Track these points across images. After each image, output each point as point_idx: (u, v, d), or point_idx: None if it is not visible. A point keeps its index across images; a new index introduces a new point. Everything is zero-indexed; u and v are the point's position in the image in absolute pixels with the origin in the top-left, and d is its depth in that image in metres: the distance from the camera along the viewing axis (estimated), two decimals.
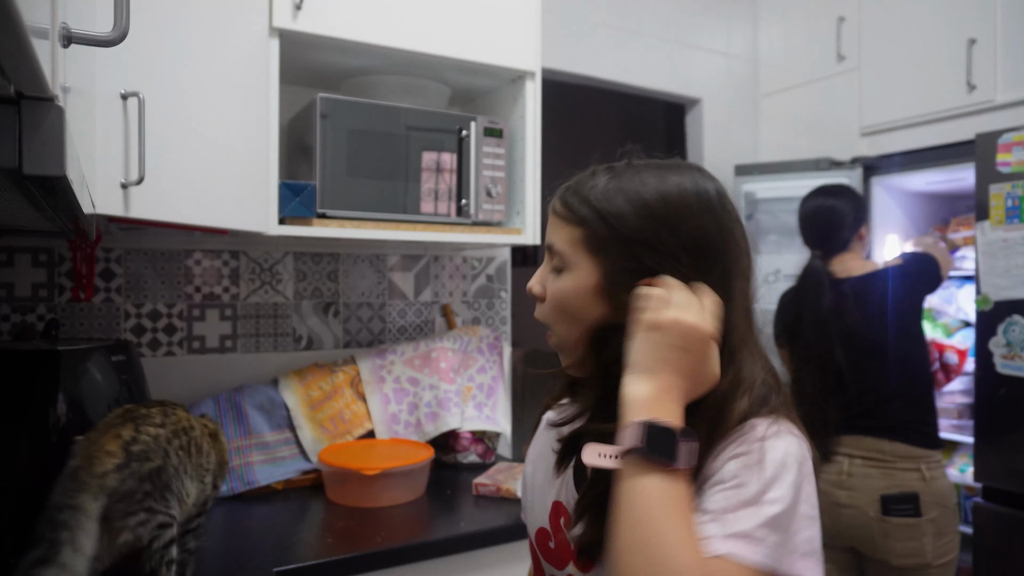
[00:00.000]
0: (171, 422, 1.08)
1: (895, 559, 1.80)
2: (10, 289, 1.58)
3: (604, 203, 0.72)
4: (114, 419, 1.04)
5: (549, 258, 0.77)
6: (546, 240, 0.78)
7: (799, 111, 2.80)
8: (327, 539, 1.36)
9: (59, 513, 0.89)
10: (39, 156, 0.48)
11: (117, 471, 0.95)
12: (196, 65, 1.24)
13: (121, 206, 1.08)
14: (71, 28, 0.53)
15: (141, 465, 0.98)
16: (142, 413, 1.07)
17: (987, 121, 2.13)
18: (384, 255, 2.02)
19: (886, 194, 2.53)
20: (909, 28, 2.39)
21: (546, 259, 0.78)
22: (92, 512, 0.90)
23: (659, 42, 2.69)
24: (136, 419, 1.04)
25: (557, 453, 0.78)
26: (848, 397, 1.90)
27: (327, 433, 1.73)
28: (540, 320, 0.78)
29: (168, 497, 1.02)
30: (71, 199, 0.66)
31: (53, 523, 0.88)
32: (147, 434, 1.02)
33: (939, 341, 2.25)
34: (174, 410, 1.12)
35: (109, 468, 0.95)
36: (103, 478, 0.94)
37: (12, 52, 0.38)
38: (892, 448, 1.85)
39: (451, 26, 1.65)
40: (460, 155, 1.68)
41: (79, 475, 0.93)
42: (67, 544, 0.86)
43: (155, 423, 1.06)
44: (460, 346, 1.95)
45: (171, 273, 1.74)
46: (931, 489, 1.82)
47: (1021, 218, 1.84)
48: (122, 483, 0.95)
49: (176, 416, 1.11)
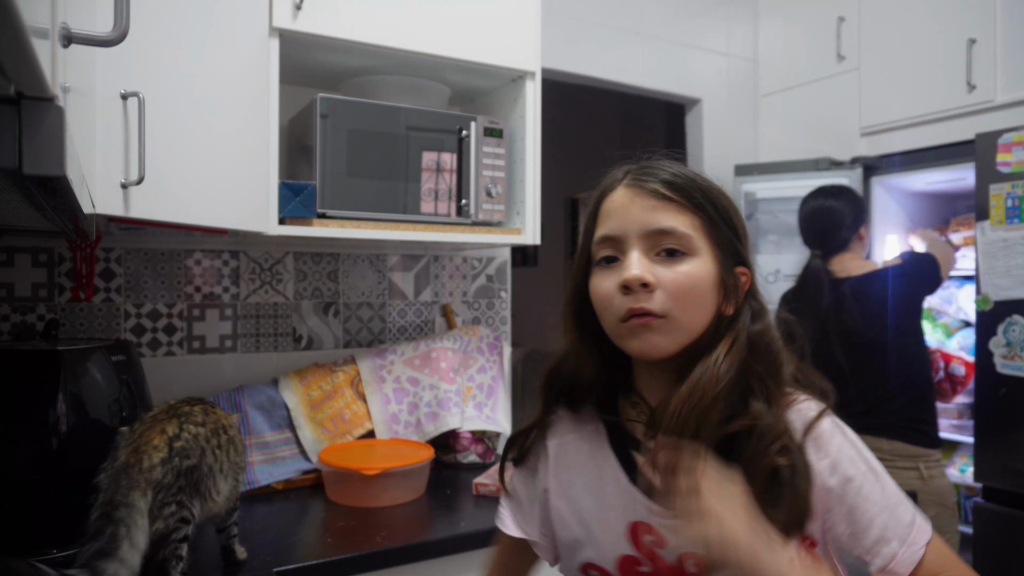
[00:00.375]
0: (211, 421, 1.14)
1: None
2: (10, 289, 1.58)
3: (710, 192, 0.75)
4: (159, 414, 1.10)
5: (655, 243, 0.73)
6: (651, 224, 0.73)
7: (799, 111, 2.80)
8: (327, 539, 1.36)
9: (115, 510, 0.96)
10: (39, 156, 0.48)
11: (161, 465, 1.02)
12: (196, 65, 1.24)
13: (121, 206, 1.08)
14: (71, 28, 0.53)
15: (181, 461, 1.05)
16: (185, 411, 1.12)
17: (987, 121, 2.13)
18: (384, 255, 2.02)
19: (886, 194, 2.53)
20: (909, 28, 2.39)
21: (644, 246, 0.73)
22: (144, 509, 0.98)
23: (659, 42, 2.69)
24: (180, 416, 1.10)
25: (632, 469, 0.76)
26: (847, 396, 1.90)
27: (327, 433, 1.74)
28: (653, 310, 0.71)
29: (194, 495, 1.07)
30: (71, 199, 0.66)
31: (112, 519, 0.95)
32: (189, 432, 1.08)
33: (946, 351, 2.23)
34: (213, 409, 1.17)
35: (155, 462, 1.02)
36: (150, 472, 1.01)
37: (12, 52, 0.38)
38: (891, 447, 1.85)
39: (451, 26, 1.65)
40: (460, 155, 1.68)
41: (130, 472, 0.99)
42: (125, 539, 0.94)
43: (197, 421, 1.11)
44: (460, 346, 1.95)
45: (171, 273, 1.74)
46: (929, 488, 1.82)
47: (1021, 218, 1.85)
48: (164, 476, 1.02)
49: (215, 415, 1.16)
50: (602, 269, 0.76)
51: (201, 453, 1.09)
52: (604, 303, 0.75)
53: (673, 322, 0.72)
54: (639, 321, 0.72)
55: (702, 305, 0.73)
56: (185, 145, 1.22)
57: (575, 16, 2.47)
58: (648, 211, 0.73)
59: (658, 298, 0.72)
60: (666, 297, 0.72)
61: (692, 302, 0.73)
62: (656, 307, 0.71)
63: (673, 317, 0.72)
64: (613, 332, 0.76)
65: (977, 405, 1.98)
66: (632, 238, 0.74)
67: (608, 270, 0.75)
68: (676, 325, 0.72)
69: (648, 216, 0.73)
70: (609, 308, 0.74)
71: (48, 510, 1.19)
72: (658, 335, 0.72)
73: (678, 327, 0.72)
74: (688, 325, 0.73)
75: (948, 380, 2.19)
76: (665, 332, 0.72)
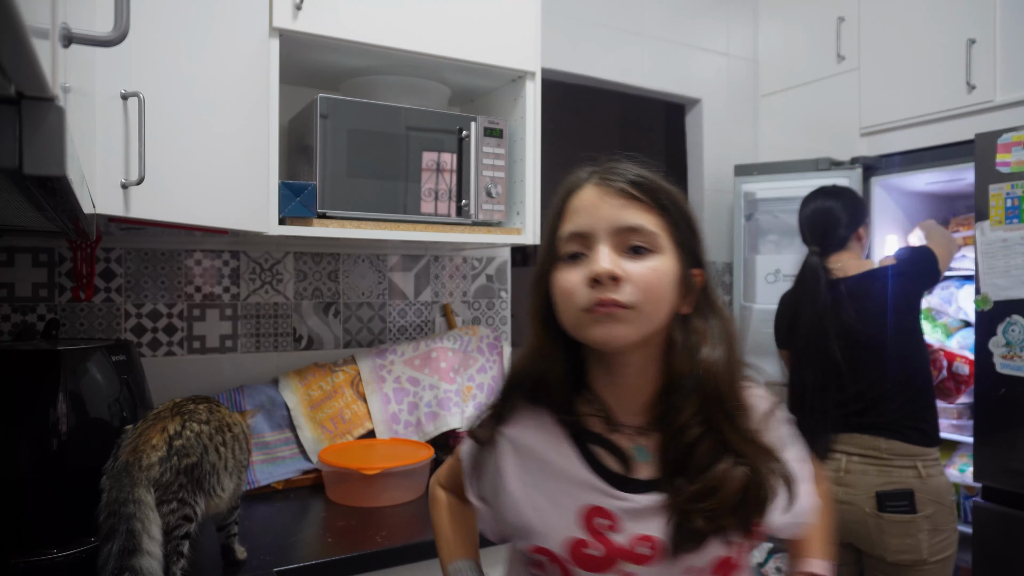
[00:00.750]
0: (215, 419, 1.15)
1: (891, 555, 1.81)
2: (10, 289, 1.58)
3: (673, 195, 0.79)
4: (163, 412, 1.11)
5: (623, 240, 0.76)
6: (620, 221, 0.75)
7: (799, 111, 2.80)
8: (327, 539, 1.36)
9: (124, 507, 0.99)
10: (39, 156, 0.48)
11: (159, 463, 1.04)
12: (196, 65, 1.24)
13: (121, 206, 1.08)
14: (71, 28, 0.53)
15: (180, 460, 1.06)
16: (189, 409, 1.13)
17: (987, 121, 2.13)
18: (384, 255, 2.02)
19: (886, 194, 2.53)
20: (909, 28, 2.39)
21: (612, 242, 0.75)
22: (151, 503, 1.01)
23: (659, 42, 2.69)
24: (184, 414, 1.11)
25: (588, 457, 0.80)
26: (846, 394, 1.91)
27: (327, 433, 1.74)
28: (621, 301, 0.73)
29: (197, 493, 1.09)
30: (71, 199, 0.66)
31: (123, 515, 0.98)
32: (191, 430, 1.10)
33: (949, 350, 2.23)
34: (218, 408, 1.18)
35: (153, 461, 1.04)
36: (149, 470, 1.03)
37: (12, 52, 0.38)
38: (888, 446, 1.86)
39: (451, 26, 1.65)
40: (460, 155, 1.68)
41: (131, 471, 1.02)
42: (143, 534, 0.98)
43: (200, 419, 1.12)
44: (460, 346, 1.95)
45: (171, 273, 1.74)
46: (927, 486, 1.82)
47: (1021, 218, 1.85)
48: (162, 475, 1.04)
49: (220, 413, 1.17)
50: (566, 264, 0.78)
51: (203, 451, 1.10)
52: (566, 296, 0.76)
53: (639, 313, 0.74)
54: (605, 309, 0.73)
55: (665, 301, 0.76)
56: (185, 145, 1.22)
57: (575, 16, 2.47)
58: (617, 209, 0.76)
59: (626, 290, 0.74)
60: (634, 290, 0.74)
61: (657, 297, 0.75)
62: (624, 298, 0.73)
63: (640, 309, 0.74)
64: (574, 323, 0.77)
65: (977, 405, 1.98)
66: (601, 234, 0.76)
67: (573, 265, 0.77)
68: (641, 316, 0.74)
69: (617, 213, 0.76)
70: (572, 300, 0.76)
71: (48, 510, 1.19)
72: (623, 325, 0.74)
73: (643, 319, 0.75)
74: (651, 317, 0.75)
75: (952, 379, 2.19)
76: (630, 322, 0.74)
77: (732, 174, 2.73)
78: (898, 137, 2.43)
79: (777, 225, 2.66)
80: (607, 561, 0.77)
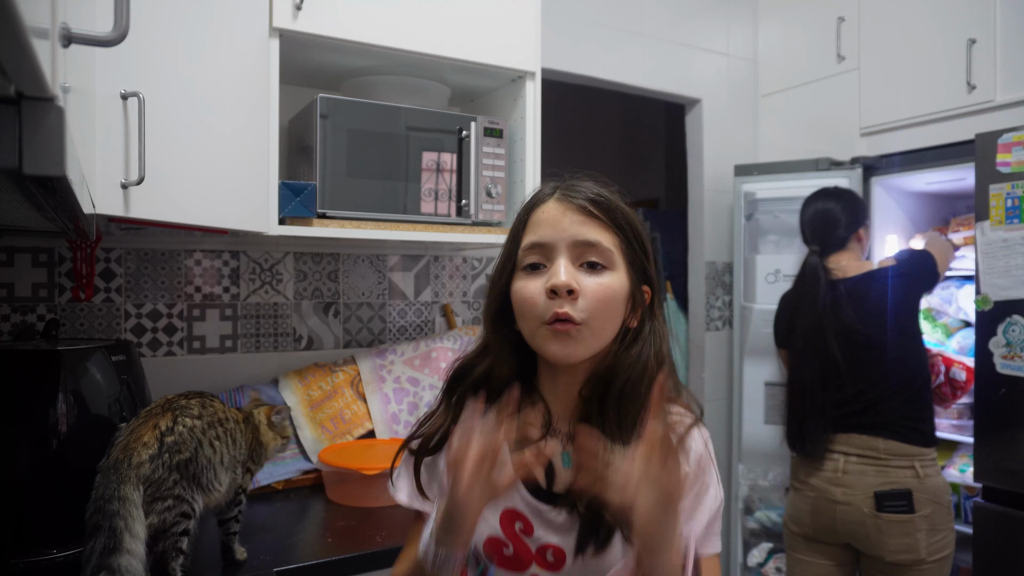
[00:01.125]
0: (208, 414, 1.14)
1: (889, 555, 1.81)
2: (10, 289, 1.58)
3: (628, 215, 0.84)
4: (155, 408, 1.12)
5: (580, 253, 0.81)
6: (579, 236, 0.80)
7: (799, 111, 2.79)
8: (327, 539, 1.36)
9: (109, 504, 0.98)
10: (39, 156, 0.48)
11: (150, 461, 1.04)
12: (196, 65, 1.24)
13: (121, 206, 1.08)
14: (71, 28, 0.53)
15: (172, 456, 1.06)
16: (181, 404, 1.13)
17: (987, 121, 2.13)
18: (384, 255, 2.02)
19: (886, 194, 2.53)
20: (909, 28, 2.39)
21: (571, 256, 0.80)
22: (137, 501, 1.01)
23: (659, 42, 2.69)
24: (175, 410, 1.11)
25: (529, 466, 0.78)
26: (844, 395, 1.91)
27: (327, 433, 1.74)
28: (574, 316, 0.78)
29: (195, 488, 1.09)
30: (71, 199, 0.66)
31: (106, 513, 0.98)
32: (183, 425, 1.10)
33: (947, 355, 2.23)
34: (211, 401, 1.18)
35: (144, 458, 1.04)
36: (139, 468, 1.03)
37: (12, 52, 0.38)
38: (886, 446, 1.86)
39: (451, 26, 1.65)
40: (460, 155, 1.68)
41: (120, 468, 1.02)
42: (125, 532, 0.97)
43: (193, 415, 1.12)
44: (460, 346, 1.95)
45: (171, 273, 1.74)
46: (925, 486, 1.83)
47: (1021, 218, 1.85)
48: (153, 472, 1.04)
49: (213, 407, 1.17)
50: (527, 274, 0.83)
51: (197, 445, 1.10)
52: (528, 305, 0.81)
53: (590, 329, 0.79)
54: (562, 327, 0.78)
55: (615, 315, 0.82)
56: (185, 145, 1.22)
57: (575, 16, 2.47)
58: (577, 224, 0.81)
59: (580, 305, 0.79)
60: (586, 304, 0.79)
61: (608, 311, 0.81)
62: (577, 314, 0.78)
63: (590, 325, 0.79)
64: (533, 334, 0.82)
65: (977, 405, 1.98)
66: (561, 247, 0.81)
67: (533, 275, 0.82)
68: (592, 332, 0.80)
69: (577, 228, 0.81)
70: (533, 310, 0.80)
71: (48, 510, 1.19)
72: (575, 343, 0.79)
73: (593, 335, 0.80)
74: (601, 333, 0.81)
75: (949, 384, 2.19)
76: (581, 340, 0.79)
77: (732, 174, 2.73)
78: (898, 137, 2.43)
79: (777, 225, 2.66)
80: (520, 563, 0.82)
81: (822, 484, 1.90)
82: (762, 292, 2.58)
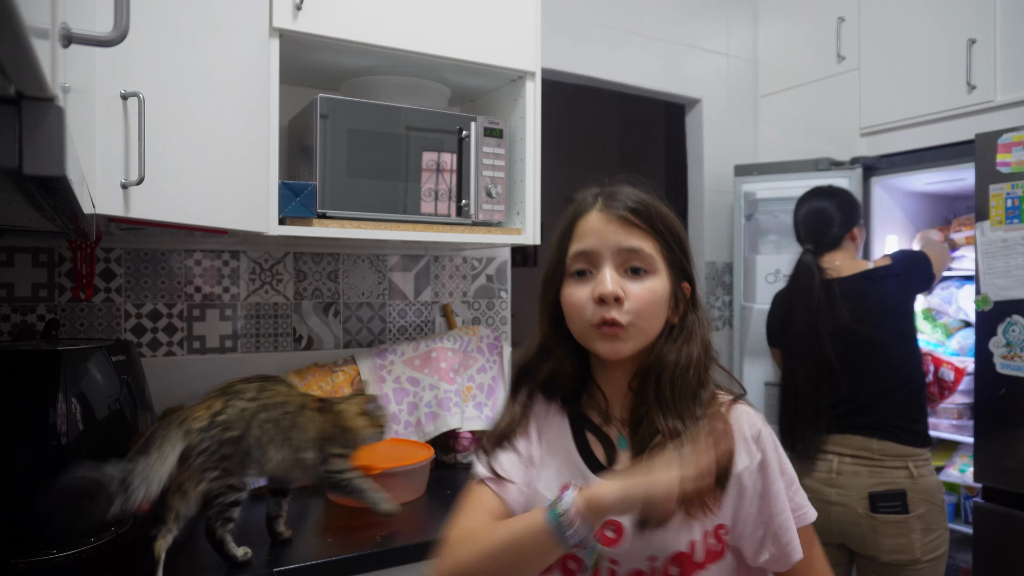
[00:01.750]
0: (264, 397, 1.24)
1: (884, 555, 1.81)
2: (10, 289, 1.58)
3: (667, 219, 0.90)
4: (212, 392, 1.22)
5: (624, 260, 0.88)
6: (622, 244, 0.87)
7: (799, 111, 2.80)
8: (327, 539, 1.36)
9: (152, 439, 1.10)
10: (39, 156, 0.48)
11: (199, 432, 1.15)
12: (196, 65, 1.24)
13: (121, 206, 1.08)
14: (71, 28, 0.53)
15: (222, 432, 1.16)
16: (237, 388, 1.23)
17: (987, 121, 2.13)
18: (384, 255, 2.02)
19: (886, 194, 2.53)
20: (909, 28, 2.39)
21: (615, 263, 0.87)
22: (176, 444, 1.11)
23: (659, 42, 2.69)
24: (230, 394, 1.21)
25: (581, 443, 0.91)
26: (837, 395, 1.91)
27: None
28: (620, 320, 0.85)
29: (246, 464, 1.19)
30: (71, 199, 0.66)
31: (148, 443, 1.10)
32: (234, 407, 1.19)
33: (936, 355, 2.22)
34: (273, 386, 1.27)
35: (194, 428, 1.15)
36: (188, 434, 1.14)
37: (12, 52, 0.38)
38: (880, 447, 1.86)
39: (451, 26, 1.65)
40: (460, 155, 1.68)
41: (172, 422, 1.14)
42: (155, 454, 1.08)
43: (247, 398, 1.22)
44: (460, 346, 1.95)
45: (171, 273, 1.74)
46: (918, 486, 1.83)
47: (1021, 218, 1.85)
48: (201, 442, 1.14)
49: (272, 391, 1.26)
50: (575, 280, 0.90)
51: (247, 426, 1.19)
52: (577, 310, 0.89)
53: (636, 329, 0.87)
54: (610, 330, 0.86)
55: (658, 315, 0.89)
56: (185, 145, 1.22)
57: (575, 16, 2.47)
58: (620, 233, 0.88)
59: (625, 308, 0.86)
60: (631, 307, 0.86)
61: (651, 312, 0.88)
62: (623, 317, 0.86)
63: (636, 326, 0.87)
64: (583, 334, 0.90)
65: (977, 405, 1.98)
66: (606, 255, 0.88)
67: (581, 281, 0.89)
68: (637, 331, 0.87)
69: (620, 238, 0.88)
70: (582, 315, 0.88)
71: (48, 510, 1.19)
72: (623, 343, 0.87)
73: (639, 334, 0.88)
74: (646, 332, 0.88)
75: (937, 384, 2.19)
76: (628, 339, 0.87)
77: (732, 174, 2.73)
78: (898, 137, 2.44)
79: (777, 225, 2.66)
80: None
81: (816, 485, 1.90)
82: (762, 292, 2.58)
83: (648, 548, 0.84)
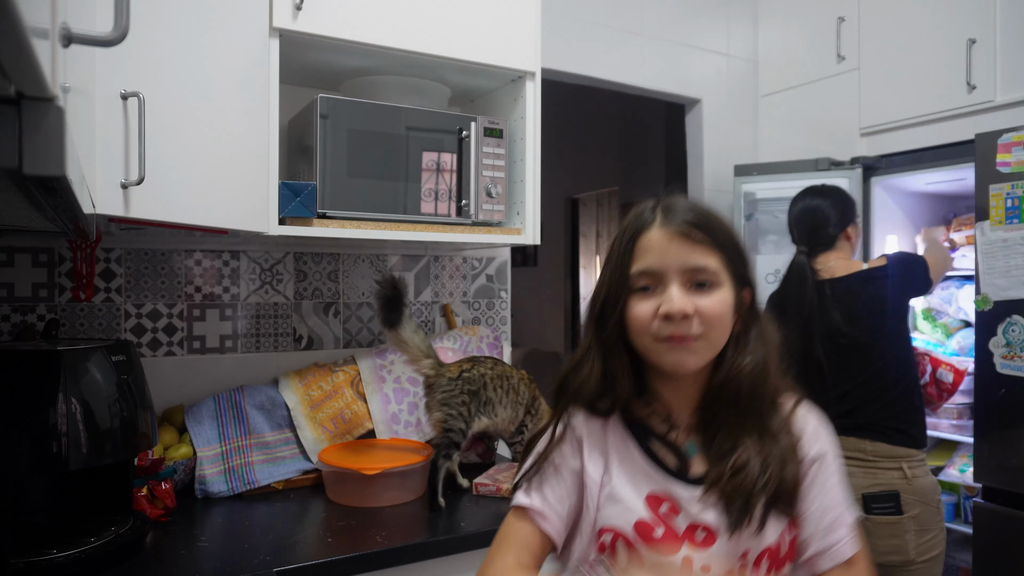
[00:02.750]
0: (497, 371, 1.67)
1: (879, 557, 1.81)
2: (10, 289, 1.58)
3: (727, 230, 0.91)
4: (463, 360, 1.67)
5: (690, 277, 0.87)
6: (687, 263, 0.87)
7: (799, 111, 2.80)
8: (327, 539, 1.36)
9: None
10: (39, 156, 0.48)
11: (448, 382, 1.60)
12: (196, 65, 1.24)
13: (121, 206, 1.08)
14: (71, 28, 0.53)
15: (464, 384, 1.60)
16: (481, 360, 1.68)
17: (987, 121, 2.13)
18: (384, 255, 2.02)
19: (886, 194, 2.53)
20: (909, 28, 2.39)
21: (680, 280, 0.87)
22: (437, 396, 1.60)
23: (659, 42, 2.69)
24: (476, 362, 1.67)
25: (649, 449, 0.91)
26: (830, 396, 1.90)
27: (327, 433, 1.74)
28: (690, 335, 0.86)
29: (480, 412, 1.62)
30: (71, 199, 0.66)
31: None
32: (477, 371, 1.64)
33: (935, 356, 2.22)
34: (502, 366, 1.70)
35: (444, 378, 1.60)
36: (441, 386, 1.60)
37: (12, 52, 0.38)
38: (874, 448, 1.86)
39: (451, 27, 1.65)
40: (460, 155, 1.68)
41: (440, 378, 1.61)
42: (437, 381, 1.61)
43: (487, 367, 1.66)
44: (460, 346, 1.95)
45: (171, 273, 1.74)
46: (912, 487, 1.82)
47: (1021, 218, 1.85)
48: (445, 385, 1.59)
49: (501, 368, 1.69)
50: (640, 296, 0.89)
51: (483, 385, 1.62)
52: (642, 326, 0.88)
53: (707, 342, 0.87)
54: (679, 343, 0.86)
55: (727, 326, 0.89)
56: (185, 145, 1.22)
57: (575, 16, 2.47)
58: (684, 251, 0.87)
59: (696, 324, 0.86)
60: (702, 322, 0.86)
61: (721, 324, 0.88)
62: (693, 331, 0.86)
63: (707, 338, 0.87)
64: (648, 349, 0.89)
65: (977, 405, 1.98)
66: (672, 273, 0.87)
67: (645, 296, 0.88)
68: (709, 344, 0.88)
69: (685, 256, 0.87)
70: (648, 330, 0.87)
71: (48, 510, 1.19)
72: (694, 355, 0.87)
73: (710, 346, 0.88)
74: (716, 344, 0.89)
75: (934, 385, 2.18)
76: (699, 352, 0.88)
77: (732, 174, 2.73)
78: (898, 137, 2.44)
79: (777, 225, 2.66)
80: (670, 544, 0.86)
81: None
82: (762, 292, 2.57)
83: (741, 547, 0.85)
